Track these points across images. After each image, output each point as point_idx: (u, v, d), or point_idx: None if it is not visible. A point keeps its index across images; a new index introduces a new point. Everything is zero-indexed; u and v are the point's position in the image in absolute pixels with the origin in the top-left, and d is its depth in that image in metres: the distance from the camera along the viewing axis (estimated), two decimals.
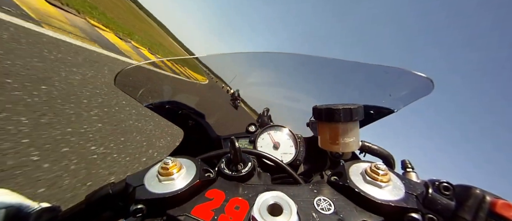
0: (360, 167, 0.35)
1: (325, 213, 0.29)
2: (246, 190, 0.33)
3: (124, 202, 0.33)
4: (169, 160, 0.34)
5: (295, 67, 0.91)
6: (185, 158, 0.39)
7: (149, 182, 0.33)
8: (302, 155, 0.71)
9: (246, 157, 0.44)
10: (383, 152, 0.59)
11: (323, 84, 0.89)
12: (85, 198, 0.33)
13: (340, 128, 0.49)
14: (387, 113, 0.73)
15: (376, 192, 0.31)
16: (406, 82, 0.69)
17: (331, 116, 0.48)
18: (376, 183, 0.31)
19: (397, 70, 0.67)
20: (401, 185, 0.32)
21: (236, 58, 0.89)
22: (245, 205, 0.30)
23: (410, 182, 0.33)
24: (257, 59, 0.90)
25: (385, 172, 0.32)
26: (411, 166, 0.52)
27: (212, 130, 0.87)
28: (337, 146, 0.50)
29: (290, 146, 0.73)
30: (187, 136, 0.84)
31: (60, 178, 1.58)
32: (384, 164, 0.33)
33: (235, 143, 0.38)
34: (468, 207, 0.29)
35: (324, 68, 0.82)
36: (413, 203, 0.29)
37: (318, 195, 0.32)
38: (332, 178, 0.36)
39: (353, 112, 0.47)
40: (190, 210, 0.29)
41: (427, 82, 0.65)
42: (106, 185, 0.34)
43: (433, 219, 0.29)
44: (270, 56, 0.87)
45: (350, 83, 0.84)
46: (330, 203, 0.30)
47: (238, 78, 1.09)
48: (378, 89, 0.76)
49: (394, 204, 0.29)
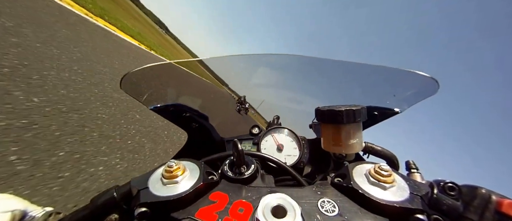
0: (364, 168, 0.35)
1: (329, 215, 0.29)
2: (249, 193, 0.33)
3: (128, 205, 0.33)
4: (173, 163, 0.34)
5: (299, 68, 0.91)
6: (189, 161, 0.39)
7: (153, 185, 0.33)
8: (305, 157, 0.71)
9: (249, 159, 0.44)
10: (386, 153, 0.58)
11: (326, 86, 0.89)
12: (90, 201, 0.34)
13: (342, 130, 0.49)
14: (392, 114, 0.72)
15: (381, 193, 0.30)
16: (410, 82, 0.69)
17: (333, 117, 0.48)
18: (380, 184, 0.31)
19: (401, 71, 0.67)
20: (406, 186, 0.32)
21: (239, 60, 0.90)
22: (249, 208, 0.30)
23: (415, 183, 0.32)
24: (260, 61, 0.90)
25: (389, 173, 0.32)
26: (415, 167, 0.51)
27: (215, 132, 0.87)
28: (340, 148, 0.49)
29: (293, 148, 0.73)
30: (190, 138, 0.84)
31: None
32: (388, 165, 0.33)
33: (238, 145, 0.38)
34: (474, 207, 0.29)
35: (328, 69, 0.82)
36: (418, 204, 0.29)
37: (322, 197, 0.32)
38: (336, 180, 0.35)
39: (356, 114, 0.47)
40: (194, 213, 0.29)
41: (432, 82, 0.65)
42: (111, 188, 0.34)
43: (439, 220, 0.28)
44: (272, 58, 0.87)
45: (353, 85, 0.84)
46: (334, 204, 0.30)
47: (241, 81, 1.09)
48: (382, 90, 0.76)
49: (399, 205, 0.28)
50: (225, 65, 0.91)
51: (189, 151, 0.83)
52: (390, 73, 0.69)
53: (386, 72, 0.70)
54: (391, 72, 0.69)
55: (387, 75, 0.71)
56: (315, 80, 0.91)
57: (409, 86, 0.69)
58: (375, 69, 0.71)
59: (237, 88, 1.22)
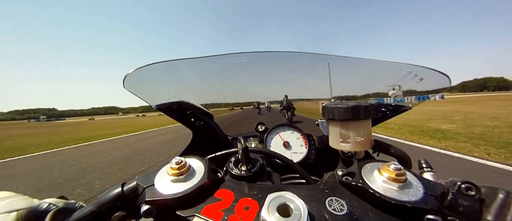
0: (374, 167, 0.34)
1: (337, 214, 0.28)
2: (255, 190, 0.33)
3: (135, 203, 0.33)
4: (179, 160, 0.34)
5: (308, 65, 0.89)
6: (194, 158, 0.39)
7: (159, 183, 0.33)
8: (313, 154, 0.69)
9: (255, 156, 0.43)
10: (397, 151, 0.56)
11: (335, 82, 0.87)
12: (97, 199, 0.34)
13: (350, 127, 0.47)
14: (403, 110, 0.70)
15: (392, 192, 0.29)
16: (420, 78, 0.66)
17: (340, 114, 0.46)
18: (391, 183, 0.30)
19: (413, 67, 0.65)
20: (420, 185, 0.30)
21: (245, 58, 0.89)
22: (255, 206, 0.29)
23: (429, 182, 0.31)
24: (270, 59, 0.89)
25: (402, 172, 0.30)
26: (429, 166, 0.49)
27: (220, 130, 0.87)
28: (347, 145, 0.48)
29: (300, 145, 0.71)
30: (195, 136, 0.84)
31: None
32: (399, 164, 0.31)
33: (242, 142, 0.38)
34: (494, 209, 0.27)
35: (337, 66, 0.80)
36: (433, 204, 0.27)
37: (330, 196, 0.31)
38: (345, 178, 0.34)
39: (364, 110, 0.45)
40: (200, 210, 0.29)
41: (444, 78, 0.62)
42: (117, 186, 0.34)
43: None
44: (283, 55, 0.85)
45: (364, 81, 0.82)
46: (342, 203, 0.29)
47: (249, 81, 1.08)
48: (393, 86, 0.74)
49: (412, 205, 0.27)
50: (227, 64, 0.90)
51: (194, 149, 0.83)
52: (401, 68, 0.67)
53: (397, 68, 0.68)
54: (401, 68, 0.67)
55: (397, 71, 0.69)
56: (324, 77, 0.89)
57: (421, 82, 0.67)
58: (385, 64, 0.69)
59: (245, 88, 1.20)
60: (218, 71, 0.91)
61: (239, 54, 0.79)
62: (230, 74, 0.93)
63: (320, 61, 0.82)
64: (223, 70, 0.90)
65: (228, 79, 0.97)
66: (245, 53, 0.80)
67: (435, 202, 0.28)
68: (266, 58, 0.84)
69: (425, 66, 0.64)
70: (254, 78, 0.98)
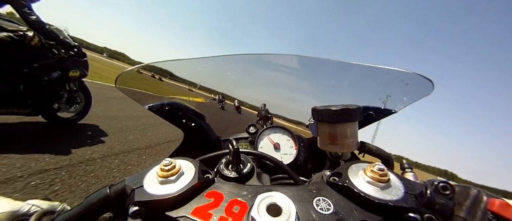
0: (359, 167, 0.35)
1: (324, 213, 0.29)
2: (245, 191, 0.33)
3: (123, 204, 0.33)
4: (168, 161, 0.34)
5: (295, 68, 0.91)
6: (184, 159, 0.38)
7: (148, 184, 0.33)
8: (302, 155, 0.71)
9: (245, 158, 0.44)
10: (382, 153, 0.59)
11: (323, 86, 0.89)
12: (84, 200, 0.33)
13: (338, 129, 0.49)
14: (388, 114, 0.73)
15: (375, 192, 0.30)
16: (406, 83, 0.69)
17: (329, 117, 0.48)
18: (375, 183, 0.31)
19: (397, 71, 0.68)
20: (400, 185, 0.32)
21: (234, 60, 0.89)
22: (245, 206, 0.30)
23: (409, 182, 0.33)
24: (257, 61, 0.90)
25: (385, 172, 0.32)
26: (409, 167, 0.52)
27: (212, 131, 0.86)
28: (335, 147, 0.50)
29: (290, 146, 0.73)
30: (187, 137, 0.83)
31: None
32: (383, 165, 0.33)
33: (233, 143, 0.38)
34: (466, 207, 0.29)
35: (324, 69, 0.82)
36: (412, 203, 0.29)
37: (318, 195, 0.32)
38: (331, 179, 0.36)
39: (351, 113, 0.47)
40: (190, 212, 0.29)
41: (427, 83, 0.66)
42: (105, 187, 0.33)
43: (432, 219, 0.29)
44: (270, 58, 0.87)
45: (350, 84, 0.84)
46: (329, 203, 0.30)
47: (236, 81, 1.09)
48: (378, 90, 0.77)
49: (394, 204, 0.29)
50: (217, 65, 0.91)
51: (185, 150, 0.82)
52: (387, 72, 0.70)
53: (383, 72, 0.70)
54: (387, 72, 0.69)
55: (383, 75, 0.71)
56: (312, 80, 0.91)
57: (405, 87, 0.70)
58: (371, 69, 0.72)
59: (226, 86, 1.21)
60: (206, 72, 0.91)
61: (227, 56, 0.80)
62: (219, 74, 0.93)
63: (307, 64, 0.83)
64: (210, 71, 0.90)
65: (217, 79, 0.98)
66: (233, 55, 0.81)
67: (414, 201, 0.29)
68: (253, 61, 0.85)
69: (411, 71, 0.67)
70: (237, 79, 0.98)
